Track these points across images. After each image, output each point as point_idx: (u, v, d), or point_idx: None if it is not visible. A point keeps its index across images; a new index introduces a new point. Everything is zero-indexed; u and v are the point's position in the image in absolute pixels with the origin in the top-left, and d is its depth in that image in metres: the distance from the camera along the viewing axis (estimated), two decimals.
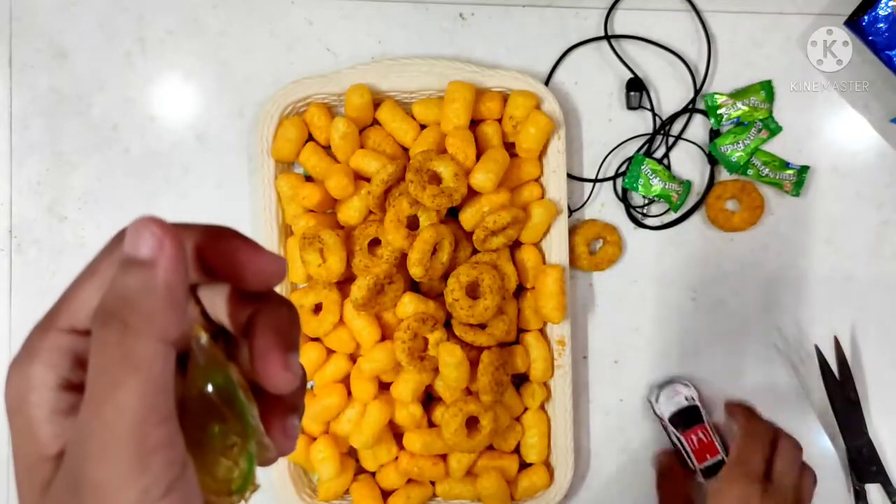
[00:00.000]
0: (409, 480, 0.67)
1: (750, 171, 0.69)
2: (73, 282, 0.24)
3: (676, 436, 0.67)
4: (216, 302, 0.26)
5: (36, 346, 0.23)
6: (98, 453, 0.20)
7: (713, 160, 0.70)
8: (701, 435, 0.66)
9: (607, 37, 0.69)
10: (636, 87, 0.69)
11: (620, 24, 0.70)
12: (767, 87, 0.69)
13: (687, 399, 0.67)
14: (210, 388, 0.23)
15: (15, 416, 0.23)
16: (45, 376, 0.23)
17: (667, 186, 0.69)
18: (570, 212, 0.69)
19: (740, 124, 0.69)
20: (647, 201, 0.70)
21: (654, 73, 0.70)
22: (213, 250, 0.24)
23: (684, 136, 0.70)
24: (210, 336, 0.24)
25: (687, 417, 0.67)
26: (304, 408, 0.28)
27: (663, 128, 0.70)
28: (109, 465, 0.20)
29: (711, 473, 0.66)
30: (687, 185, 0.70)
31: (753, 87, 0.69)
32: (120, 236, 0.24)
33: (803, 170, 0.69)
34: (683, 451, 0.67)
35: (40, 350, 0.23)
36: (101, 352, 0.21)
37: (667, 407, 0.67)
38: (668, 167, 0.70)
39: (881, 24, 0.65)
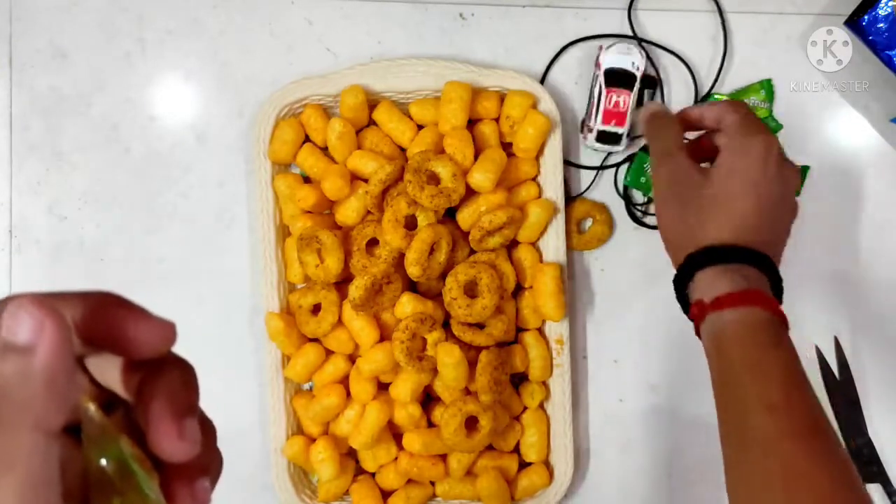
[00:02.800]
0: (409, 481, 0.67)
1: None
2: None
3: (601, 88, 0.66)
4: (106, 368, 0.25)
5: None
6: None
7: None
8: (621, 99, 0.66)
9: (635, 36, 0.69)
10: (650, 85, 0.69)
11: (624, 25, 0.70)
12: (767, 87, 0.69)
13: (633, 64, 0.66)
14: (104, 461, 0.22)
15: None
16: None
17: None
18: (571, 199, 0.69)
19: None
20: (647, 199, 0.70)
21: (661, 71, 0.70)
22: (96, 321, 0.23)
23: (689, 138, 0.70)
24: (99, 406, 0.23)
25: (620, 78, 0.66)
26: (221, 460, 0.26)
27: None
28: None
29: (605, 139, 0.67)
30: None
31: (753, 86, 0.69)
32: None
33: (803, 170, 0.69)
34: (595, 106, 0.66)
35: None
36: None
37: (612, 59, 0.66)
38: None
39: (881, 24, 0.65)
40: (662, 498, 0.71)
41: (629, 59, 0.66)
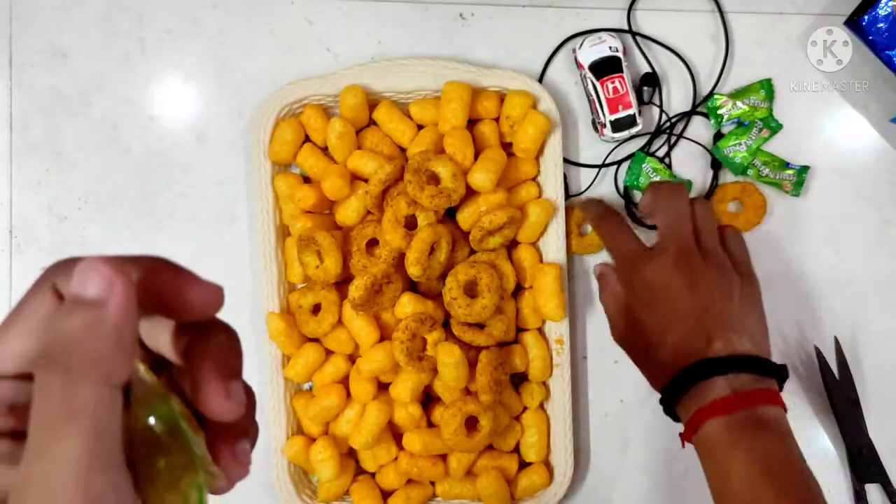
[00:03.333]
0: (409, 481, 0.67)
1: (750, 172, 0.69)
2: (6, 322, 0.23)
3: (593, 84, 0.66)
4: (155, 332, 0.25)
5: None
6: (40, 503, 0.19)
7: (716, 164, 0.70)
8: (617, 84, 0.66)
9: (631, 31, 0.69)
10: (650, 83, 0.69)
11: (623, 24, 0.70)
12: (767, 86, 0.69)
13: (611, 49, 0.67)
14: (153, 420, 0.23)
15: None
16: None
17: None
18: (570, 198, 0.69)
19: (741, 125, 0.69)
20: None
21: (660, 72, 0.70)
22: (151, 284, 0.24)
23: (689, 137, 0.70)
24: (149, 367, 0.23)
25: (607, 66, 0.67)
26: (257, 429, 0.27)
27: (666, 128, 0.70)
28: None
29: (620, 127, 0.67)
30: (688, 185, 0.70)
31: (753, 86, 0.69)
32: (47, 276, 0.23)
33: (803, 170, 0.69)
34: (597, 102, 0.67)
35: None
36: (42, 398, 0.20)
37: (588, 55, 0.67)
38: (670, 166, 0.70)
39: (881, 24, 0.65)
40: (662, 498, 0.71)
41: (604, 46, 0.67)
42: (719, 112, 0.69)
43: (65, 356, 0.20)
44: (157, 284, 0.24)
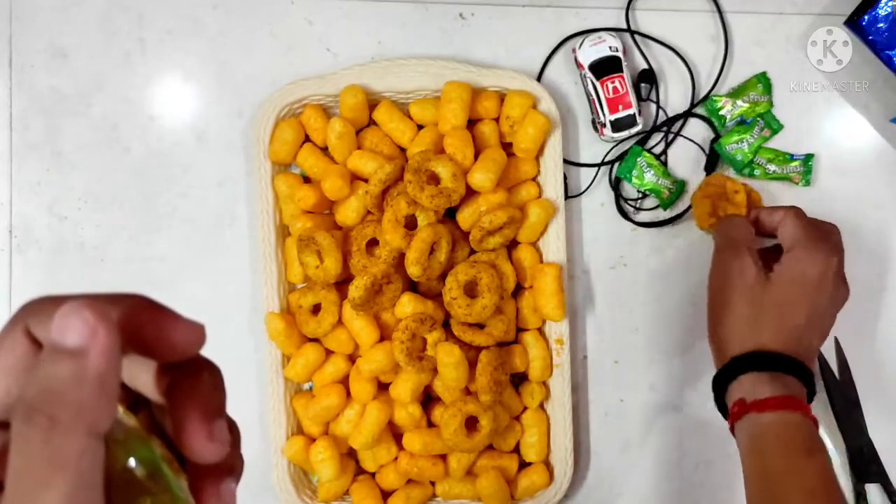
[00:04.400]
0: (409, 481, 0.67)
1: (756, 172, 0.69)
2: None
3: (593, 83, 0.66)
4: (135, 370, 0.25)
5: None
6: None
7: (711, 167, 0.70)
8: (617, 84, 0.66)
9: (630, 30, 0.69)
10: (648, 80, 0.69)
11: (623, 24, 0.70)
12: (763, 80, 0.69)
13: (611, 48, 0.67)
14: (133, 463, 0.22)
15: None
16: None
17: (659, 182, 0.69)
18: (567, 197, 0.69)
19: (743, 122, 0.69)
20: (640, 195, 0.70)
21: (659, 70, 0.70)
22: (131, 324, 0.23)
23: (688, 136, 0.70)
24: (127, 408, 0.23)
25: (607, 66, 0.67)
26: (243, 464, 0.27)
27: (665, 126, 0.70)
28: None
29: (620, 127, 0.67)
30: (681, 185, 0.70)
31: (750, 82, 0.69)
32: (19, 318, 0.22)
33: (808, 158, 0.69)
34: (597, 102, 0.67)
35: None
36: (23, 450, 0.19)
37: (588, 54, 0.67)
38: (665, 163, 0.70)
39: (881, 24, 0.65)
40: (662, 498, 0.71)
41: (604, 45, 0.67)
42: (721, 113, 0.69)
43: (48, 406, 0.20)
44: (139, 325, 0.23)
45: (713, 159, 0.70)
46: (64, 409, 0.20)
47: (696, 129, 0.71)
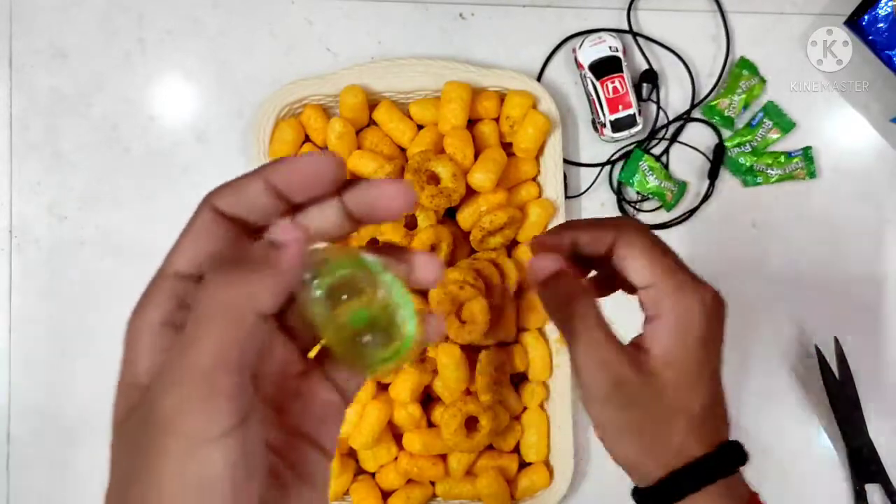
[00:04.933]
0: (409, 481, 0.67)
1: (759, 179, 0.69)
2: (178, 238, 0.28)
3: (593, 83, 0.67)
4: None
5: (150, 290, 0.26)
6: (171, 387, 0.23)
7: (714, 174, 0.70)
8: (617, 84, 0.66)
9: (632, 32, 0.69)
10: (649, 80, 0.69)
11: (623, 24, 0.70)
12: (745, 64, 0.70)
13: (611, 49, 0.67)
14: (342, 273, 0.26)
15: (125, 349, 0.26)
16: (152, 315, 0.26)
17: (662, 185, 0.69)
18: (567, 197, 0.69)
19: (748, 125, 0.70)
20: (640, 197, 0.70)
21: (660, 70, 0.70)
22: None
23: (688, 142, 0.70)
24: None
25: (606, 66, 0.67)
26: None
27: (663, 129, 0.70)
28: (178, 398, 0.22)
29: (620, 127, 0.67)
30: (682, 186, 0.70)
31: (734, 73, 0.70)
32: (205, 200, 0.28)
33: (807, 150, 0.69)
34: (597, 102, 0.67)
35: (151, 293, 0.26)
36: (207, 297, 0.23)
37: (588, 54, 0.67)
38: (666, 166, 0.70)
39: (881, 24, 0.65)
40: None
41: (604, 46, 0.67)
42: (726, 114, 0.69)
43: (239, 270, 0.24)
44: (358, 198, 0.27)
45: (717, 164, 0.70)
46: (250, 278, 0.24)
47: (698, 132, 0.71)
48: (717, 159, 0.70)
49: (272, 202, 0.27)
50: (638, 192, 0.70)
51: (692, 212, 0.70)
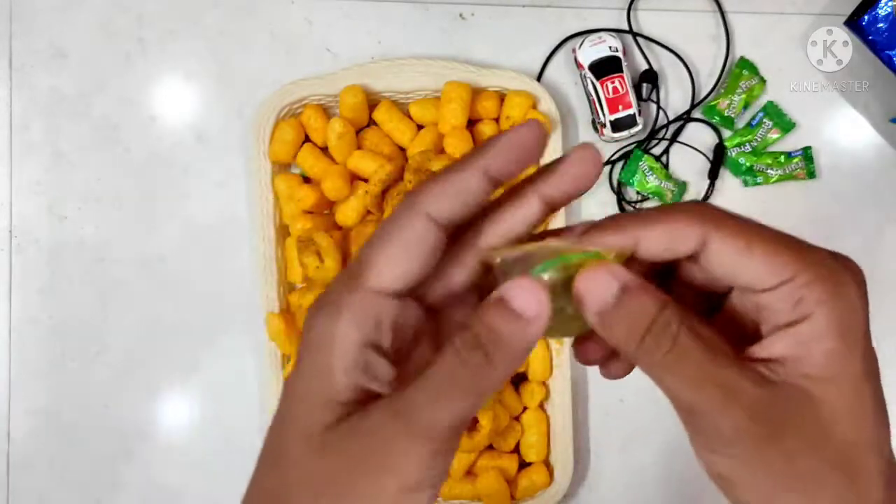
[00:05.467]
0: None
1: (759, 179, 0.69)
2: (372, 244, 0.25)
3: (593, 84, 0.67)
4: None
5: (345, 301, 0.25)
6: (405, 435, 0.23)
7: (714, 174, 0.70)
8: (617, 84, 0.66)
9: (632, 32, 0.69)
10: (649, 80, 0.69)
11: (623, 24, 0.70)
12: (745, 64, 0.70)
13: (611, 49, 0.67)
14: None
15: (314, 356, 0.25)
16: (350, 332, 0.24)
17: (662, 185, 0.69)
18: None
19: (749, 125, 0.70)
20: (640, 197, 0.70)
21: (660, 70, 0.70)
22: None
23: (688, 142, 0.70)
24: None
25: (606, 66, 0.67)
26: None
27: (663, 129, 0.70)
28: (408, 447, 0.23)
29: (620, 127, 0.67)
30: (682, 186, 0.70)
31: (734, 73, 0.70)
32: (419, 203, 0.24)
33: (806, 150, 0.69)
34: (597, 102, 0.67)
35: (348, 306, 0.24)
36: (450, 363, 0.23)
37: (588, 54, 0.67)
38: (666, 166, 0.70)
39: (881, 24, 0.65)
40: (662, 498, 0.71)
41: (604, 46, 0.67)
42: (725, 114, 0.69)
43: (491, 346, 0.23)
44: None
45: (717, 164, 0.70)
46: (501, 355, 0.23)
47: (698, 132, 0.71)
48: (717, 159, 0.70)
49: (486, 192, 0.25)
50: (638, 192, 0.70)
51: None
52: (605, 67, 0.67)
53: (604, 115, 0.67)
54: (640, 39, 0.70)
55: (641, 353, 0.25)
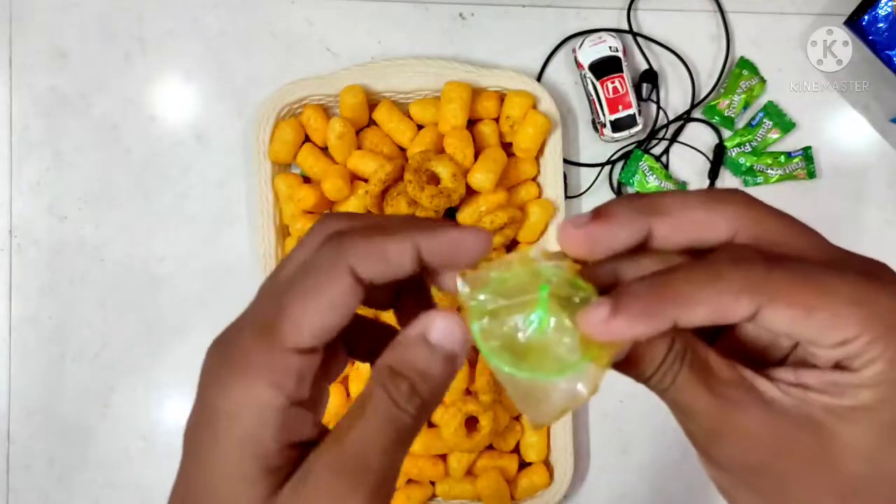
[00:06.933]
0: (409, 480, 0.67)
1: (760, 179, 0.69)
2: (290, 293, 0.24)
3: (593, 83, 0.66)
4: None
5: (260, 363, 0.23)
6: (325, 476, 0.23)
7: (714, 174, 0.70)
8: (617, 84, 0.66)
9: (632, 32, 0.69)
10: (649, 80, 0.69)
11: (623, 24, 0.70)
12: (745, 64, 0.70)
13: (611, 48, 0.67)
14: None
15: (233, 425, 0.23)
16: (271, 397, 0.23)
17: (662, 185, 0.69)
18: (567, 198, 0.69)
19: (748, 125, 0.70)
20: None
21: (660, 70, 0.70)
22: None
23: (688, 142, 0.70)
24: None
25: (607, 66, 0.67)
26: None
27: (663, 128, 0.70)
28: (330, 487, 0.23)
29: (620, 127, 0.67)
30: (682, 186, 0.70)
31: (734, 73, 0.70)
32: (340, 255, 0.23)
33: (807, 150, 0.69)
34: (597, 102, 0.67)
35: (265, 369, 0.23)
36: (382, 399, 0.23)
37: (588, 54, 0.67)
38: (666, 166, 0.70)
39: (881, 24, 0.65)
40: (663, 498, 0.71)
41: (604, 46, 0.67)
42: (725, 114, 0.69)
43: (420, 385, 0.23)
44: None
45: (717, 164, 0.70)
46: (431, 394, 0.24)
47: (698, 132, 0.71)
48: (717, 159, 0.70)
49: (411, 269, 0.24)
50: (638, 193, 0.70)
51: None
52: (605, 67, 0.67)
53: (604, 115, 0.67)
54: (640, 39, 0.70)
55: (667, 384, 0.25)
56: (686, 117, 0.70)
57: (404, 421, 0.23)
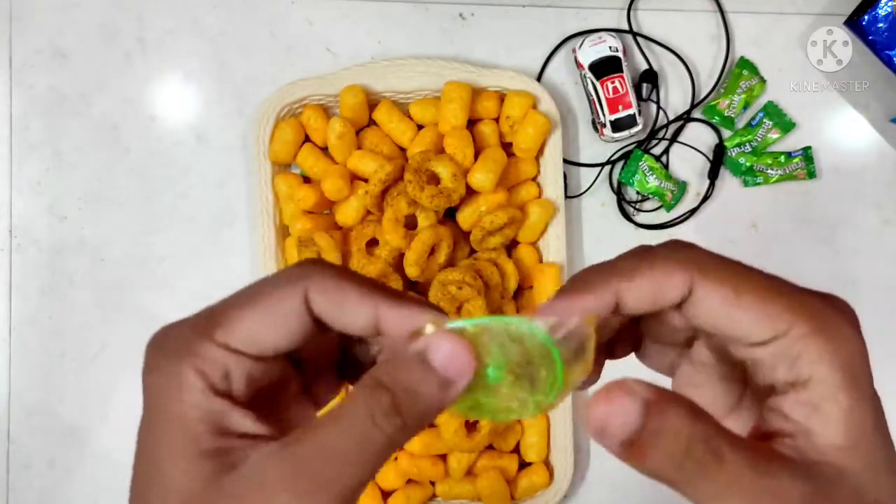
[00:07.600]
0: (409, 481, 0.67)
1: (760, 179, 0.69)
2: (232, 299, 0.24)
3: (593, 83, 0.66)
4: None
5: (188, 348, 0.23)
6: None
7: (714, 174, 0.70)
8: (617, 84, 0.66)
9: (632, 32, 0.69)
10: (649, 80, 0.69)
11: (623, 24, 0.70)
12: (745, 64, 0.70)
13: (611, 48, 0.67)
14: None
15: (164, 402, 0.23)
16: (195, 380, 0.23)
17: (662, 185, 0.69)
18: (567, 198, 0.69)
19: (748, 125, 0.70)
20: (640, 197, 0.70)
21: (660, 70, 0.70)
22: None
23: (688, 142, 0.70)
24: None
25: (606, 66, 0.67)
26: None
27: (663, 128, 0.70)
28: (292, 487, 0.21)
29: (620, 127, 0.66)
30: (682, 186, 0.70)
31: (734, 73, 0.70)
32: (299, 277, 0.24)
33: (806, 150, 0.69)
34: (597, 102, 0.67)
35: (192, 355, 0.23)
36: (358, 408, 0.22)
37: (588, 54, 0.67)
38: (666, 166, 0.70)
39: (881, 24, 0.65)
40: (663, 498, 0.71)
41: (604, 46, 0.67)
42: (725, 114, 0.69)
43: (404, 403, 0.22)
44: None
45: (717, 164, 0.70)
46: (414, 414, 0.22)
47: (698, 132, 0.71)
48: (717, 159, 0.70)
49: (368, 331, 0.24)
50: (638, 193, 0.70)
51: (692, 212, 0.70)
52: (605, 67, 0.67)
53: (604, 115, 0.67)
54: (640, 39, 0.70)
55: (683, 479, 0.23)
56: (686, 117, 0.70)
57: (375, 438, 0.22)
